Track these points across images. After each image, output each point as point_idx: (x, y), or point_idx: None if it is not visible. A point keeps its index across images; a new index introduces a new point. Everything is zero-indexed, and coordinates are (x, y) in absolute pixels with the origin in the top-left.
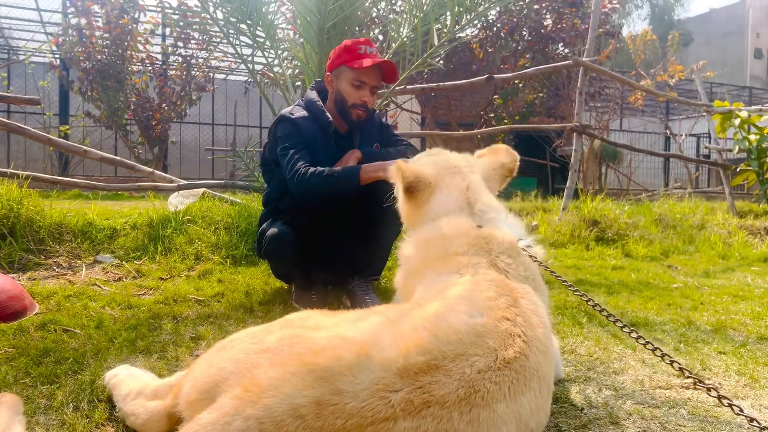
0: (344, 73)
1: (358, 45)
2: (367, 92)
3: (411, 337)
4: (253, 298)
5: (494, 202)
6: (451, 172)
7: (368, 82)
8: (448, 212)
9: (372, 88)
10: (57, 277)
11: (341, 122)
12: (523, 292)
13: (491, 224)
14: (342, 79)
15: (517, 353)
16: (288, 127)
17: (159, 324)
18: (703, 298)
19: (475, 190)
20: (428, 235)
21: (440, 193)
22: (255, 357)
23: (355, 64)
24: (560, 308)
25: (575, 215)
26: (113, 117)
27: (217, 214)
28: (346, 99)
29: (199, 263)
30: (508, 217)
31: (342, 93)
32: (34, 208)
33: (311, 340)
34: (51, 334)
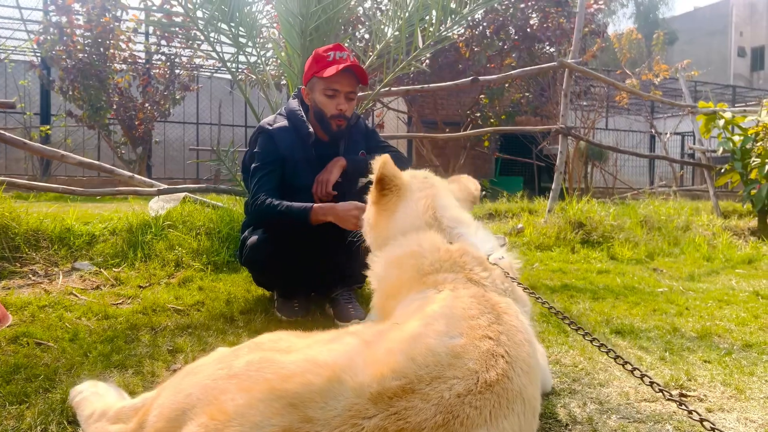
0: (316, 84)
1: (327, 52)
2: (341, 100)
3: (386, 361)
4: (234, 307)
5: (462, 216)
6: (422, 183)
7: (341, 89)
8: (417, 227)
9: (346, 94)
10: (33, 285)
11: (321, 130)
12: (506, 307)
13: (461, 239)
14: (316, 91)
15: (500, 375)
16: (265, 142)
17: (136, 336)
18: (688, 303)
19: (444, 203)
20: (398, 253)
21: (408, 202)
22: (222, 383)
23: (324, 73)
24: (545, 316)
25: (561, 217)
26: (95, 117)
27: (198, 219)
28: (324, 110)
29: (180, 270)
30: (478, 230)
31: (318, 105)
32: (9, 214)
33: (280, 364)
34: (23, 348)
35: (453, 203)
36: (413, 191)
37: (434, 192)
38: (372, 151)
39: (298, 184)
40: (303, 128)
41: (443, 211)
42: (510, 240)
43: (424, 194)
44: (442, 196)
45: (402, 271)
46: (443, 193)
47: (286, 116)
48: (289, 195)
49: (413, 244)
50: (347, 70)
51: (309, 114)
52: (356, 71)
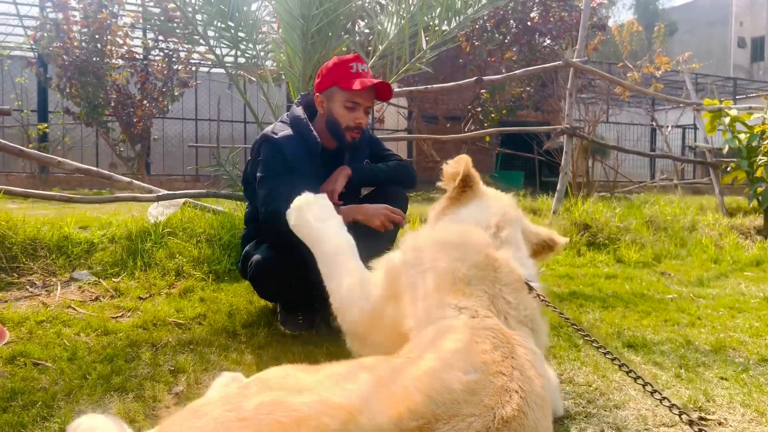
0: (336, 94)
1: (349, 63)
2: (361, 113)
3: (403, 401)
4: (236, 320)
5: (520, 240)
6: (498, 195)
7: (362, 103)
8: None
9: (366, 108)
10: (30, 297)
11: (330, 140)
12: (521, 340)
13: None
14: (334, 101)
15: (515, 410)
16: (271, 150)
17: (137, 353)
18: (700, 311)
19: (511, 221)
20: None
21: (482, 202)
22: (232, 426)
23: (349, 85)
24: (555, 328)
25: (566, 219)
26: (93, 114)
27: (198, 225)
28: (339, 121)
29: (180, 280)
30: (526, 257)
31: (334, 115)
32: (6, 223)
33: (293, 406)
34: (21, 370)
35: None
36: (489, 197)
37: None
38: (375, 159)
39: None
40: (310, 138)
41: (506, 224)
42: None
43: (497, 204)
44: (512, 214)
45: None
46: (514, 214)
47: (290, 124)
48: None
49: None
50: (372, 88)
51: (315, 121)
52: (381, 88)
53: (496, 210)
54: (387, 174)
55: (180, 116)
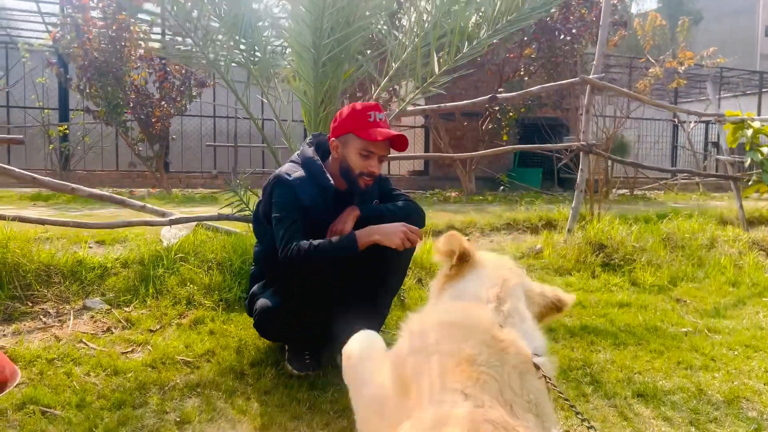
0: (352, 141)
1: (367, 111)
2: (375, 161)
3: None
4: (244, 358)
5: (524, 310)
6: (498, 263)
7: (377, 152)
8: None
9: (380, 157)
10: (43, 329)
11: (341, 181)
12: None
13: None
14: (349, 148)
15: None
16: (284, 193)
17: (145, 399)
18: (714, 351)
19: (512, 291)
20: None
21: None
22: None
23: (366, 135)
24: (564, 372)
25: (581, 238)
26: (112, 114)
27: (210, 249)
28: (353, 168)
29: (191, 309)
30: (532, 328)
31: (348, 161)
32: (20, 251)
33: None
34: (29, 420)
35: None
36: (487, 266)
37: (506, 275)
38: (385, 198)
39: (317, 234)
40: (323, 180)
41: (508, 294)
42: (527, 262)
43: (496, 273)
44: (513, 281)
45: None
46: (515, 280)
47: (302, 165)
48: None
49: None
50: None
51: (328, 163)
52: (398, 141)
53: (496, 280)
54: (396, 214)
55: (198, 113)
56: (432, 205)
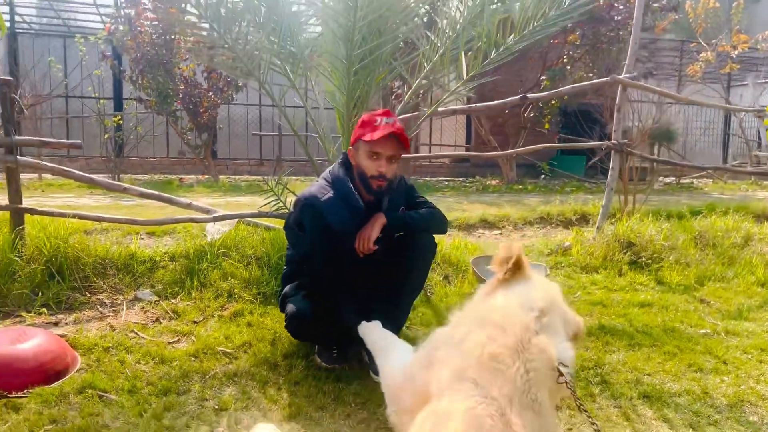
0: (361, 146)
1: (374, 118)
2: (383, 162)
3: None
4: (278, 350)
5: (560, 327)
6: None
7: (383, 152)
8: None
9: (389, 158)
10: (100, 319)
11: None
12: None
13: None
14: (360, 153)
15: None
16: (313, 216)
17: (187, 386)
18: (727, 354)
19: (555, 308)
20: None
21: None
22: None
23: (369, 137)
24: (576, 371)
25: (610, 236)
26: (163, 104)
27: (250, 245)
28: (365, 171)
29: (232, 302)
30: (565, 343)
31: (361, 166)
32: (79, 245)
33: None
34: (88, 402)
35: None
36: (537, 281)
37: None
38: (411, 206)
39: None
40: (354, 201)
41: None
42: (556, 260)
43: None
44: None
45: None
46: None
47: (332, 184)
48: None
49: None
50: (391, 136)
51: (353, 174)
52: (399, 137)
53: (543, 295)
54: (419, 222)
55: (245, 102)
56: (469, 195)
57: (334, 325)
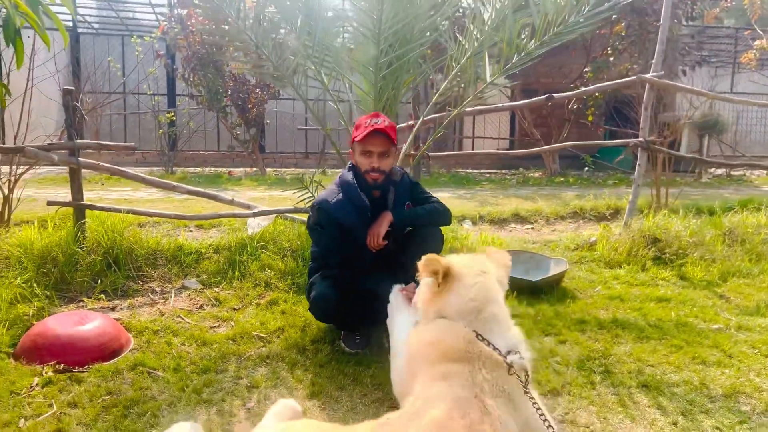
0: (356, 147)
1: (364, 121)
2: (374, 159)
3: None
4: (307, 335)
5: (498, 312)
6: (476, 274)
7: (373, 149)
8: (457, 314)
9: (380, 154)
10: (150, 305)
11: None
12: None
13: (489, 334)
14: (356, 153)
15: None
16: (325, 217)
17: (225, 366)
18: (734, 348)
19: (488, 296)
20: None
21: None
22: None
23: (359, 137)
24: (581, 361)
25: (636, 231)
26: (213, 101)
27: (286, 238)
28: (361, 167)
29: (268, 291)
30: (508, 327)
31: (358, 163)
32: (132, 238)
33: None
34: (139, 378)
35: (496, 294)
36: (466, 279)
37: (484, 285)
38: (416, 201)
39: (359, 240)
40: (359, 201)
41: (485, 304)
42: (581, 255)
43: (475, 282)
44: (489, 288)
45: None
46: (491, 285)
47: (340, 187)
48: (352, 253)
49: (439, 335)
50: (377, 133)
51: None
52: (385, 132)
53: (474, 293)
54: (424, 217)
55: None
56: (507, 189)
57: (357, 308)
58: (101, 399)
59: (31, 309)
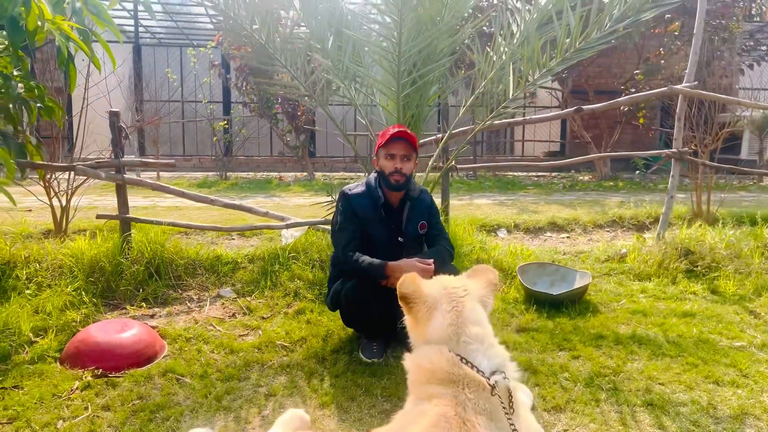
0: (380, 152)
1: (387, 131)
2: (397, 161)
3: None
4: (328, 345)
5: (480, 332)
6: (452, 295)
7: (396, 153)
8: (439, 340)
9: (402, 156)
10: (187, 312)
11: (394, 197)
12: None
13: (472, 356)
14: (380, 158)
15: None
16: (345, 204)
17: (247, 374)
18: (751, 368)
19: (467, 318)
20: (416, 362)
21: (436, 318)
22: None
23: (382, 143)
24: (591, 377)
25: (669, 243)
26: (265, 109)
27: (316, 249)
28: (384, 171)
29: (297, 301)
30: (491, 345)
31: (382, 167)
32: (173, 248)
33: None
34: (167, 384)
35: (476, 315)
36: (442, 305)
37: (462, 306)
38: (430, 227)
39: (372, 238)
40: (375, 194)
41: (464, 327)
42: (611, 267)
43: (452, 308)
44: (468, 308)
45: (415, 377)
46: (470, 305)
47: (365, 184)
48: (367, 247)
49: (425, 359)
50: (399, 139)
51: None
52: (406, 138)
53: (451, 318)
54: None
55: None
56: (552, 194)
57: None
58: (131, 403)
59: (78, 316)
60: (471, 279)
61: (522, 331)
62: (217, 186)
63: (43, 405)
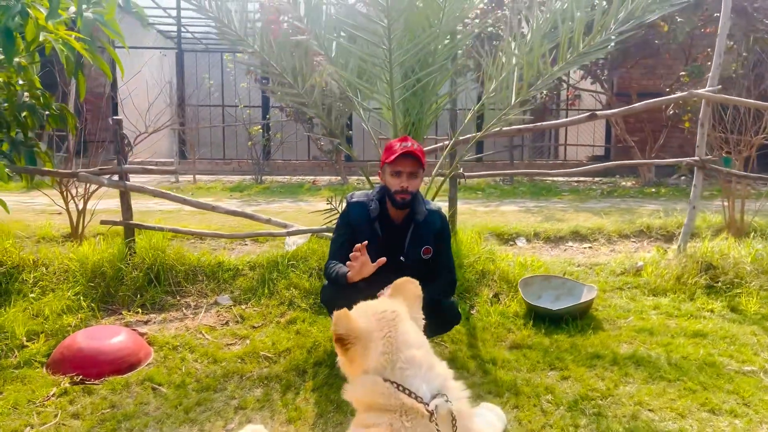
0: (385, 168)
1: (394, 144)
2: (404, 179)
3: None
4: (312, 357)
5: (416, 354)
6: (381, 324)
7: (403, 170)
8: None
9: (408, 174)
10: (181, 319)
11: (398, 213)
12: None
13: (409, 381)
14: (386, 174)
15: None
16: (343, 211)
17: (225, 385)
18: (754, 396)
19: (401, 342)
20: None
21: (367, 351)
22: None
23: (389, 159)
24: (576, 401)
25: (689, 257)
26: (299, 113)
27: (315, 257)
28: (390, 188)
29: (290, 310)
30: (430, 369)
31: (388, 184)
32: (175, 255)
33: None
34: (143, 392)
35: (410, 337)
36: (373, 337)
37: (394, 331)
38: (437, 254)
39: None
40: (371, 206)
41: (398, 353)
42: (625, 280)
43: (384, 334)
44: (400, 332)
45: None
46: (402, 328)
47: (367, 195)
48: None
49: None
50: (407, 156)
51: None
52: (415, 154)
53: (383, 346)
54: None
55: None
56: (586, 201)
57: None
58: (101, 412)
59: (75, 321)
60: (396, 297)
61: (515, 348)
62: (249, 190)
63: (17, 411)
